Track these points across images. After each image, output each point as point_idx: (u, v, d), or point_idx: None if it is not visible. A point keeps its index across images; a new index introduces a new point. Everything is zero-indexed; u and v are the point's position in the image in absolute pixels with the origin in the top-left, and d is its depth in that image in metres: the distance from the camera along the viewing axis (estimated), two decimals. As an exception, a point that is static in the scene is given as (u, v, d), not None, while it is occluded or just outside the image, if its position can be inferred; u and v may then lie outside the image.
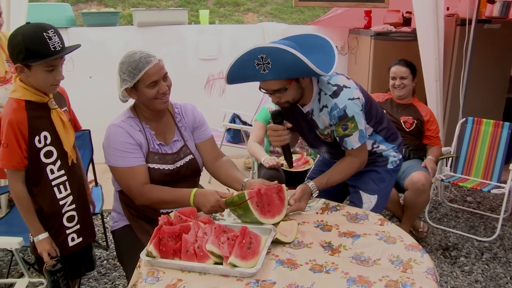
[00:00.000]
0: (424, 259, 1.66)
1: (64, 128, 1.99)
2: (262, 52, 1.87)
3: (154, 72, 1.97)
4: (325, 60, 2.04)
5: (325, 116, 2.14)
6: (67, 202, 2.05)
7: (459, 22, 4.38)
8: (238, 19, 10.35)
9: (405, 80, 3.34)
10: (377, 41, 4.70)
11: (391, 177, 2.43)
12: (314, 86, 2.14)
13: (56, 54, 1.83)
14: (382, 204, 2.41)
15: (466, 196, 4.35)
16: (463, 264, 3.18)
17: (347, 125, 2.10)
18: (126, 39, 5.10)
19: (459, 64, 4.28)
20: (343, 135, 2.14)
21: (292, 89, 2.03)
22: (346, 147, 2.17)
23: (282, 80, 1.97)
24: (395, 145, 2.42)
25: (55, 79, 1.90)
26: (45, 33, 1.80)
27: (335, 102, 2.07)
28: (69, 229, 2.08)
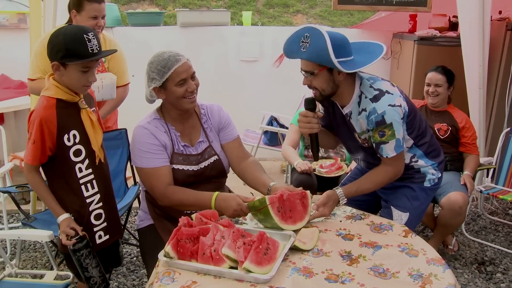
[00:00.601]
0: (446, 275, 1.61)
1: (92, 128, 2.04)
2: (308, 31, 1.95)
3: (183, 71, 2.02)
4: (362, 61, 2.03)
5: (363, 120, 2.12)
6: (95, 200, 2.09)
7: (510, 26, 4.20)
8: (287, 20, 10.35)
9: (440, 88, 3.24)
10: (420, 46, 4.58)
11: (427, 195, 2.36)
12: (356, 88, 2.12)
13: (94, 56, 1.90)
14: (414, 223, 2.35)
15: (508, 209, 4.18)
16: (500, 281, 3.05)
17: (384, 131, 2.07)
18: (169, 39, 5.19)
19: (507, 71, 4.12)
20: (380, 142, 2.11)
21: (320, 77, 2.03)
22: (382, 154, 2.14)
23: (314, 64, 2.00)
24: (436, 163, 2.34)
25: (88, 80, 1.97)
26: (85, 35, 1.88)
27: (374, 106, 2.05)
28: (96, 227, 2.12)
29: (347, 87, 2.11)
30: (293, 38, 2.01)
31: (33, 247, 3.36)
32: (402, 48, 4.89)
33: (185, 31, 5.22)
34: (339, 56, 1.93)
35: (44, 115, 1.92)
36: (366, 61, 2.02)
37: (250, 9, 9.77)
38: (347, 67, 1.95)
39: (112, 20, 5.02)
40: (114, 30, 4.99)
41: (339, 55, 1.93)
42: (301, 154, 3.51)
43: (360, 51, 2.07)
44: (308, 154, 3.50)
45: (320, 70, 2.00)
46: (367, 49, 2.09)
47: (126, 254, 3.25)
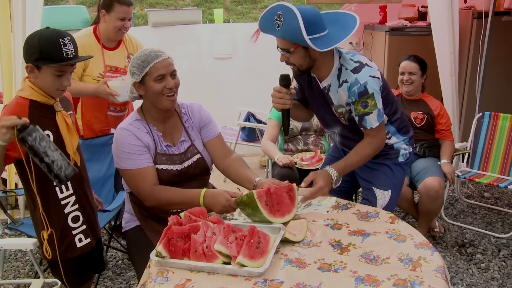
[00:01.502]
0: (434, 257, 1.65)
1: (68, 131, 2.01)
2: (281, 9, 1.93)
3: (162, 66, 2.02)
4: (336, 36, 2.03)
5: (343, 92, 2.13)
6: (70, 202, 2.06)
7: (476, 15, 4.31)
8: (255, 16, 10.36)
9: (413, 76, 3.30)
10: (392, 36, 4.66)
11: (403, 170, 2.43)
12: (335, 61, 2.14)
13: (68, 60, 1.87)
14: (396, 198, 2.42)
15: (483, 192, 4.30)
16: (480, 261, 3.14)
17: (367, 102, 2.09)
18: (141, 39, 5.12)
19: (475, 58, 4.22)
20: (363, 113, 2.13)
21: (297, 54, 2.04)
22: (366, 125, 2.16)
23: (289, 42, 2.00)
24: (407, 138, 2.40)
25: (62, 85, 1.93)
26: (61, 39, 1.85)
27: (356, 77, 2.07)
28: (75, 230, 2.09)
29: (325, 60, 2.13)
30: (267, 15, 2.00)
31: (14, 257, 3.29)
32: (373, 39, 4.97)
33: (157, 30, 5.19)
34: (312, 33, 1.94)
35: (15, 111, 1.85)
36: (340, 36, 2.02)
37: (218, 6, 9.75)
38: (321, 45, 1.95)
39: (81, 23, 4.95)
40: (85, 32, 4.92)
41: (312, 31, 1.94)
42: (280, 148, 3.53)
43: (334, 23, 2.07)
44: (288, 147, 3.52)
45: (295, 47, 2.01)
46: (341, 20, 2.09)
47: (111, 258, 3.21)
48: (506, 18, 4.37)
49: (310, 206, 2.12)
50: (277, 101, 2.15)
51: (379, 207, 2.32)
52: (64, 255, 2.07)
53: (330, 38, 2.01)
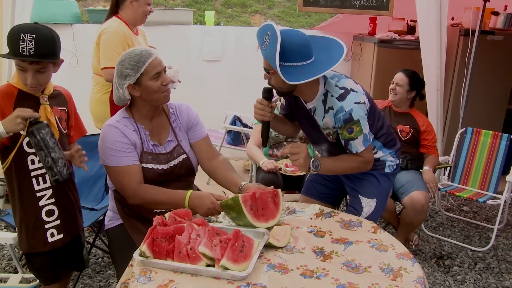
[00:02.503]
0: (415, 268, 1.68)
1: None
2: (269, 30, 1.96)
3: (157, 64, 2.04)
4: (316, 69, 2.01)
5: (330, 118, 2.16)
6: (46, 195, 2.06)
7: (463, 32, 4.40)
8: (245, 20, 10.38)
9: (399, 88, 3.35)
10: (380, 48, 4.72)
11: (389, 180, 2.47)
12: (321, 86, 2.16)
13: (20, 56, 1.85)
14: (382, 207, 2.45)
15: (463, 205, 4.37)
16: (456, 274, 3.20)
17: (352, 128, 2.12)
18: (131, 37, 5.12)
19: (461, 74, 4.31)
20: (348, 138, 2.16)
21: (276, 77, 2.04)
22: (351, 150, 2.19)
23: (269, 63, 2.01)
24: (393, 151, 2.44)
25: (26, 81, 1.92)
26: (23, 34, 1.83)
27: (341, 105, 2.10)
28: (48, 224, 2.08)
29: (308, 86, 2.13)
30: (261, 32, 2.02)
31: (-10, 251, 3.25)
32: (362, 50, 5.02)
33: (147, 29, 5.14)
34: (290, 60, 1.95)
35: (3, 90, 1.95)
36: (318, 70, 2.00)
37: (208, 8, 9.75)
38: (292, 75, 1.94)
39: (71, 17, 4.91)
40: (74, 27, 4.88)
41: (290, 59, 1.95)
42: (265, 153, 3.54)
43: (325, 51, 2.08)
44: (273, 153, 3.53)
45: (273, 71, 2.01)
46: (331, 50, 2.09)
47: (91, 255, 3.18)
48: (491, 38, 4.48)
49: (294, 212, 2.14)
50: (257, 112, 2.16)
51: (364, 215, 2.36)
52: (34, 248, 2.07)
53: (308, 69, 1.99)
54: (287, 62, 1.95)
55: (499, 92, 4.76)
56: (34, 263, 2.13)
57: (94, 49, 3.31)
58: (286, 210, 2.15)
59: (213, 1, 10.75)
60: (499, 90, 4.75)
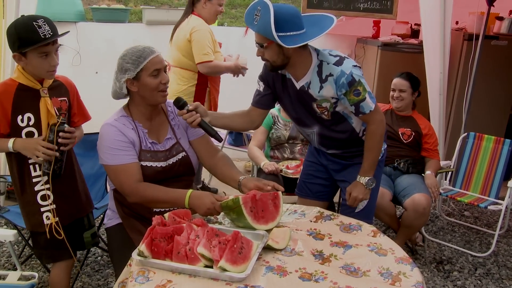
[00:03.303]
0: (414, 273, 1.67)
1: (47, 116, 2.12)
2: (259, 4, 1.99)
3: (158, 61, 2.05)
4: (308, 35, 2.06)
5: (330, 85, 2.16)
6: (41, 181, 2.17)
7: (467, 37, 4.39)
8: (249, 21, 10.36)
9: (403, 93, 3.35)
10: (384, 51, 4.71)
11: (379, 167, 2.48)
12: (313, 58, 2.18)
13: (46, 40, 1.98)
14: (375, 197, 2.47)
15: (464, 210, 4.36)
16: (456, 279, 3.18)
17: (358, 90, 2.14)
18: (135, 36, 5.12)
19: (464, 79, 4.30)
20: (358, 101, 2.17)
21: (270, 50, 2.08)
22: (364, 111, 2.20)
23: (263, 37, 2.04)
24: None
25: (50, 65, 2.06)
26: (34, 22, 1.97)
27: (341, 69, 2.11)
28: (43, 207, 2.19)
29: (300, 59, 2.16)
30: (250, 10, 2.04)
31: (-10, 247, 3.25)
32: (365, 52, 5.02)
33: (151, 28, 5.17)
34: (284, 30, 1.98)
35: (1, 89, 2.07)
36: (312, 34, 2.06)
37: (213, 8, 9.74)
38: (289, 42, 1.99)
39: (75, 15, 4.91)
40: (78, 25, 4.88)
41: (284, 29, 1.98)
42: (267, 155, 3.54)
43: (314, 24, 2.11)
44: (274, 155, 3.53)
45: (269, 43, 2.06)
46: (321, 22, 2.13)
47: (90, 254, 3.18)
48: (495, 43, 4.47)
49: (294, 214, 2.13)
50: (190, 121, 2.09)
51: (360, 207, 2.38)
52: (35, 228, 2.22)
53: (302, 36, 2.04)
54: (281, 32, 1.97)
55: (502, 97, 4.74)
56: (37, 241, 2.28)
57: (179, 45, 3.63)
58: (286, 213, 2.14)
59: (217, 2, 10.74)
60: (502, 95, 4.73)
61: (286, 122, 3.42)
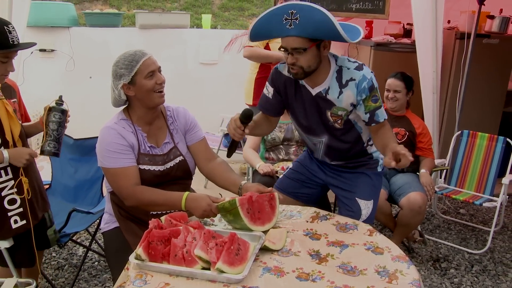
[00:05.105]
0: (410, 271, 1.68)
1: (8, 118, 2.10)
2: (294, 8, 1.92)
3: (151, 63, 2.06)
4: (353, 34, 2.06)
5: (350, 91, 2.13)
6: (8, 186, 2.15)
7: (459, 35, 4.41)
8: (242, 23, 10.37)
9: (398, 94, 3.36)
10: (376, 51, 4.72)
11: (381, 179, 2.50)
12: (332, 64, 2.15)
13: (14, 47, 1.99)
14: (376, 207, 2.46)
15: (459, 208, 4.38)
16: (453, 276, 3.20)
17: (376, 96, 2.14)
18: (128, 40, 5.14)
19: (457, 77, 4.32)
20: (375, 108, 2.15)
21: (310, 54, 2.02)
22: (379, 119, 2.18)
23: (305, 40, 1.98)
24: None
25: (6, 70, 2.06)
26: (6, 27, 1.97)
27: (362, 73, 2.10)
28: (10, 212, 2.17)
29: (324, 64, 2.14)
30: (271, 17, 1.98)
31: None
32: (359, 53, 5.03)
33: (144, 32, 5.18)
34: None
35: None
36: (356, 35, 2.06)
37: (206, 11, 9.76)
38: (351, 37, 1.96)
39: (68, 20, 4.92)
40: (71, 30, 4.88)
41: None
42: (262, 156, 3.54)
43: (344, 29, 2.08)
44: (269, 156, 3.53)
45: (311, 45, 2.00)
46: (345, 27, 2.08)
47: (87, 259, 3.18)
48: (486, 41, 4.50)
49: (290, 215, 2.14)
50: (230, 130, 2.11)
51: (364, 217, 2.36)
52: (1, 235, 2.18)
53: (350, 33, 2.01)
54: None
55: (494, 95, 4.77)
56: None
57: None
58: (282, 213, 2.15)
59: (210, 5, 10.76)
60: (494, 93, 4.76)
61: (281, 124, 3.43)
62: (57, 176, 3.14)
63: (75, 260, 3.23)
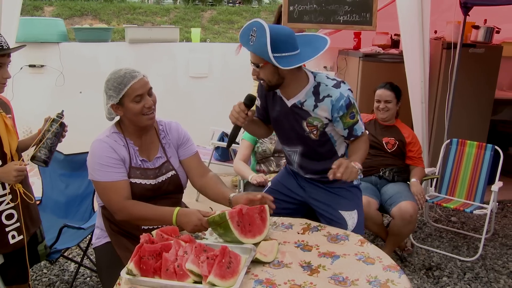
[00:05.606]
0: (402, 280, 1.69)
1: (7, 131, 2.09)
2: (256, 25, 2.00)
3: (139, 87, 2.04)
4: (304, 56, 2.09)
5: (326, 106, 2.19)
6: (5, 200, 2.13)
7: (445, 45, 4.47)
8: (232, 36, 10.42)
9: (390, 104, 3.40)
10: (365, 62, 4.78)
11: (359, 191, 2.52)
12: (310, 80, 2.22)
13: (3, 51, 1.97)
14: (362, 216, 2.47)
15: (450, 216, 4.40)
16: (446, 284, 3.21)
17: (353, 112, 2.20)
18: (118, 55, 5.15)
19: (445, 87, 4.37)
20: (353, 124, 2.23)
21: (266, 70, 2.10)
22: (357, 134, 2.27)
23: (259, 57, 2.05)
24: None
25: (3, 78, 2.04)
26: None
27: (340, 92, 2.16)
28: (8, 227, 2.15)
29: (294, 78, 2.19)
30: (245, 30, 2.07)
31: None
32: (347, 64, 5.08)
33: (133, 47, 5.19)
34: (279, 51, 2.00)
35: None
36: (308, 56, 2.10)
37: (195, 25, 9.80)
38: (285, 63, 2.02)
39: (58, 36, 4.92)
40: (61, 46, 4.88)
41: (280, 50, 2.00)
42: (253, 168, 3.55)
43: (308, 45, 2.15)
44: (260, 169, 3.54)
45: (264, 63, 2.08)
46: (314, 43, 2.17)
47: (79, 275, 3.16)
48: (472, 50, 4.57)
49: (281, 227, 2.14)
50: (233, 114, 2.20)
51: (351, 227, 2.36)
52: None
53: (297, 57, 2.07)
54: (277, 52, 1.99)
55: (482, 103, 4.83)
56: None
57: None
58: (273, 226, 2.16)
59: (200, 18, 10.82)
60: (482, 101, 4.82)
61: (272, 136, 3.44)
62: (48, 191, 3.13)
63: (67, 276, 3.20)
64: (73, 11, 9.38)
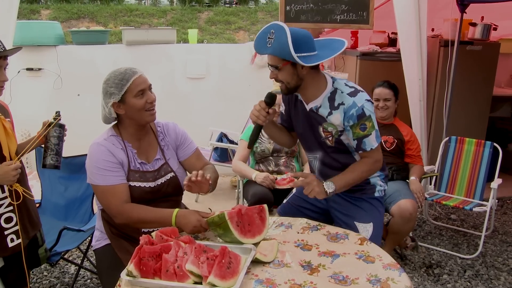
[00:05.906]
0: (402, 278, 1.69)
1: (6, 135, 2.08)
2: (274, 27, 2.03)
3: (141, 82, 2.06)
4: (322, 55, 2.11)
5: (339, 114, 2.17)
6: (4, 204, 2.11)
7: (443, 43, 4.47)
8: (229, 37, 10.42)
9: (388, 102, 3.40)
10: (362, 61, 4.78)
11: (381, 204, 2.45)
12: (328, 85, 2.21)
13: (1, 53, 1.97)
14: (380, 229, 2.40)
15: (450, 213, 4.40)
16: (446, 282, 3.21)
17: (365, 124, 2.15)
18: (115, 57, 5.14)
19: (443, 84, 4.38)
20: (362, 136, 2.17)
21: (284, 71, 2.11)
22: (365, 148, 2.20)
23: (278, 58, 2.07)
24: (383, 174, 2.43)
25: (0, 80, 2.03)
26: None
27: (353, 100, 2.13)
28: (7, 230, 2.14)
29: (313, 81, 2.19)
30: (261, 35, 2.09)
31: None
32: (345, 63, 5.08)
33: (131, 49, 5.19)
34: (300, 51, 2.02)
35: None
36: (325, 55, 2.11)
37: (192, 26, 9.81)
38: (307, 61, 2.04)
39: (55, 39, 4.91)
40: (58, 49, 4.88)
41: (300, 50, 2.02)
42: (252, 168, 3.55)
43: (325, 48, 2.16)
44: (259, 168, 3.53)
45: (284, 64, 2.08)
46: (330, 45, 2.18)
47: (79, 277, 3.15)
48: (470, 48, 4.57)
49: (281, 227, 2.14)
50: (254, 113, 2.20)
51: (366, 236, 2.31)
52: None
53: (317, 57, 2.09)
54: (297, 52, 2.00)
55: (480, 101, 4.83)
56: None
57: None
58: (272, 225, 2.16)
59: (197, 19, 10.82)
60: (480, 99, 4.82)
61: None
62: (47, 194, 3.12)
63: (67, 278, 3.20)
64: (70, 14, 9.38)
